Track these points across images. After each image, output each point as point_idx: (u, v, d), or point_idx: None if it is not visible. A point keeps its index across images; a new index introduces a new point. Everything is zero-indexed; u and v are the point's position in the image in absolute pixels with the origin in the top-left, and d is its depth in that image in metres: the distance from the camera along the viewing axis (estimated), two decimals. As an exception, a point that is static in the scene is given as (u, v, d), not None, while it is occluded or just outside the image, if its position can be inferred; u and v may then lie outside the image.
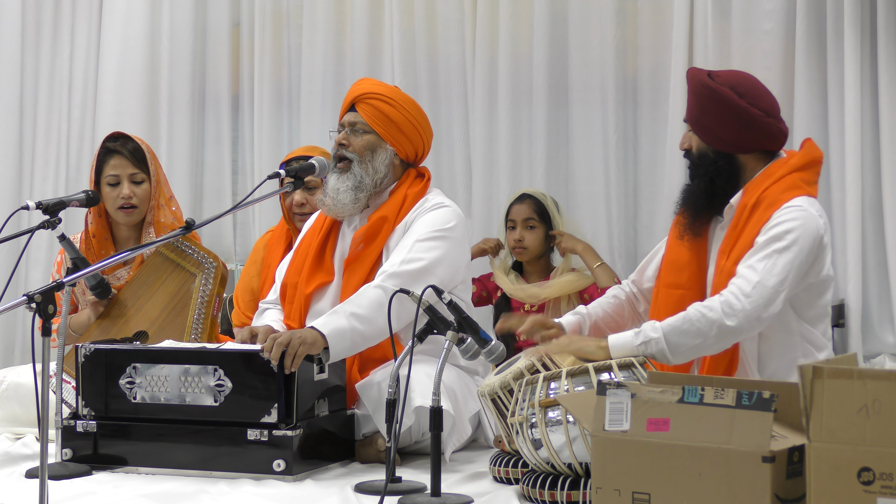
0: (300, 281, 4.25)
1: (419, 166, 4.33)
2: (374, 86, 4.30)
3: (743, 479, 2.67)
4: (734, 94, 3.74)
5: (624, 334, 3.65)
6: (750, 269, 3.59)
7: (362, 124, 4.20)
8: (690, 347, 3.57)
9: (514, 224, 5.10)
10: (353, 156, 4.18)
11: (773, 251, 3.59)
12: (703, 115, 3.79)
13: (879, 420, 2.53)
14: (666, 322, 3.60)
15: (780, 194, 3.68)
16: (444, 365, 3.38)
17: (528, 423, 3.33)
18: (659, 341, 3.56)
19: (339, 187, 4.18)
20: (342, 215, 4.25)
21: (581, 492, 3.26)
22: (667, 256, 3.94)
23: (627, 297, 4.06)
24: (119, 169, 4.54)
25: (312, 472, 3.80)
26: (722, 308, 3.55)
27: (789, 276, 3.59)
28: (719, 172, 3.79)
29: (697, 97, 3.79)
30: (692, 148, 3.86)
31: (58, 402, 3.85)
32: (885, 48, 4.96)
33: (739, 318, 3.54)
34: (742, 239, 3.68)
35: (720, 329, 3.54)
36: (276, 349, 3.73)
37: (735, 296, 3.56)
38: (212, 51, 6.10)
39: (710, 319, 3.55)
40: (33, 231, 4.00)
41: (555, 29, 5.51)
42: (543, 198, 5.14)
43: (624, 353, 3.56)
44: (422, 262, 4.03)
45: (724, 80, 3.79)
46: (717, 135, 3.77)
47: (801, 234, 3.62)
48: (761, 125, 3.75)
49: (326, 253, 4.27)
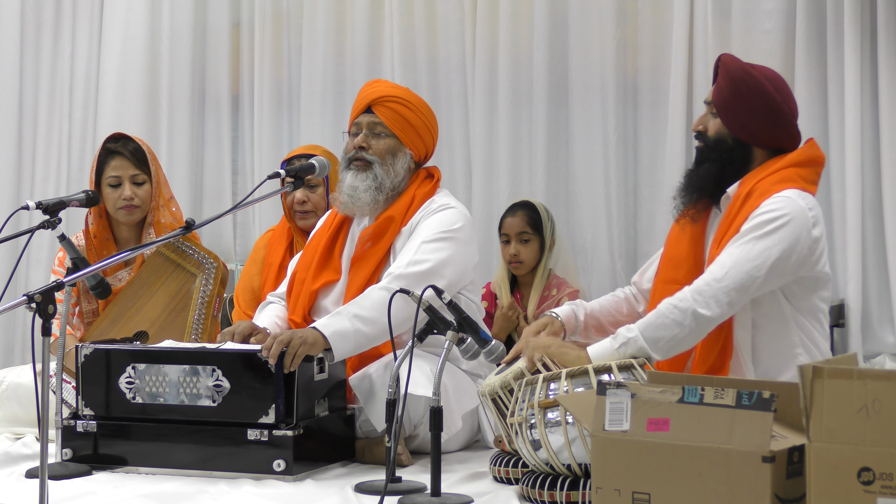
0: (307, 277, 4.25)
1: (427, 166, 4.33)
2: (391, 88, 4.30)
3: (743, 479, 2.67)
4: (772, 87, 3.75)
5: (602, 342, 3.61)
6: (726, 255, 3.60)
7: (383, 127, 4.19)
8: (668, 340, 3.55)
9: (507, 238, 5.08)
10: (375, 158, 4.17)
11: (753, 237, 3.59)
12: (734, 100, 3.76)
13: (879, 420, 2.53)
14: (640, 321, 3.60)
15: (772, 185, 3.68)
16: (444, 364, 3.38)
17: (527, 423, 3.33)
18: (637, 340, 3.55)
19: (358, 185, 4.16)
20: (358, 214, 4.24)
21: (580, 492, 3.26)
22: (665, 253, 3.94)
23: (627, 297, 4.06)
24: (120, 170, 4.54)
25: (312, 472, 3.80)
26: (692, 297, 3.55)
27: (767, 262, 3.58)
28: (732, 160, 3.78)
29: (733, 82, 3.76)
30: (707, 130, 3.84)
31: (58, 402, 3.85)
32: (885, 48, 4.96)
33: (710, 305, 3.54)
34: (732, 228, 3.68)
35: (694, 316, 3.54)
36: (276, 347, 3.73)
37: (706, 282, 3.56)
38: (212, 51, 6.10)
39: (682, 309, 3.55)
40: (33, 231, 4.00)
41: (555, 29, 5.51)
42: (537, 207, 5.11)
43: (604, 359, 3.53)
44: (428, 263, 4.03)
45: (761, 72, 3.80)
46: (744, 123, 3.76)
47: (786, 222, 3.61)
48: (787, 123, 3.78)
49: (335, 251, 4.28)
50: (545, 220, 5.07)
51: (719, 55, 3.88)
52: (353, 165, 4.18)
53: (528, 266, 5.06)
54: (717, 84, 3.81)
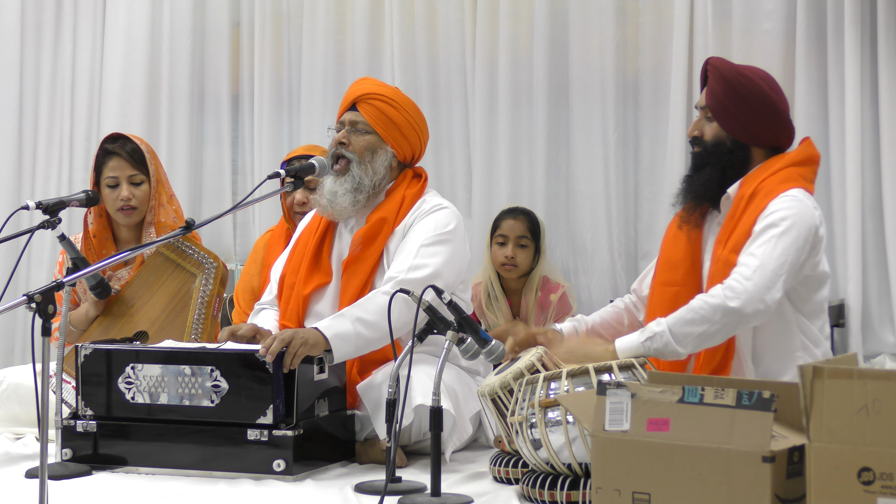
0: (297, 281, 4.25)
1: (415, 167, 4.33)
2: (376, 86, 4.30)
3: (743, 479, 2.67)
4: (766, 86, 3.77)
5: (630, 336, 3.66)
6: (750, 256, 3.61)
7: (364, 124, 4.20)
8: (697, 335, 3.57)
9: (504, 240, 5.07)
10: (353, 156, 4.18)
11: (772, 237, 3.61)
12: (731, 103, 3.77)
13: (879, 420, 2.53)
14: (670, 316, 3.61)
15: (777, 185, 3.70)
16: (444, 365, 3.38)
17: (527, 423, 3.33)
18: (664, 334, 3.57)
19: (337, 190, 4.17)
20: (340, 218, 4.25)
21: (581, 492, 3.26)
22: (662, 255, 3.94)
23: (627, 307, 4.08)
24: (118, 171, 4.53)
25: (312, 472, 3.80)
26: (724, 293, 3.56)
27: (788, 260, 3.60)
28: (732, 162, 3.79)
29: (729, 84, 3.77)
30: (703, 135, 3.84)
31: (58, 402, 3.85)
32: (885, 48, 4.96)
33: (742, 299, 3.54)
34: (739, 228, 3.69)
35: (724, 312, 3.55)
36: (276, 345, 3.73)
37: (737, 280, 3.57)
38: (211, 51, 6.10)
39: (712, 305, 3.56)
40: (33, 231, 4.00)
41: (555, 29, 5.51)
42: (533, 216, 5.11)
43: (631, 353, 3.58)
44: (429, 267, 4.04)
45: (753, 72, 3.82)
46: (742, 124, 3.77)
47: (797, 222, 3.63)
48: (783, 120, 3.80)
49: (323, 253, 4.27)
50: (542, 230, 5.09)
51: (706, 59, 3.89)
52: (334, 169, 4.18)
53: (520, 271, 5.06)
54: (710, 88, 3.82)
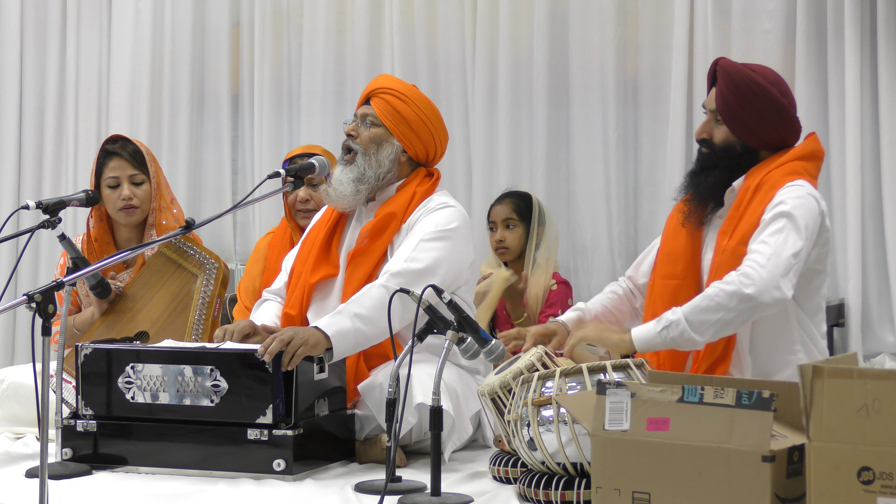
0: (305, 271, 4.26)
1: (431, 167, 4.35)
2: (390, 81, 4.34)
3: (743, 479, 2.67)
4: (776, 90, 3.76)
5: (646, 325, 3.66)
6: (762, 244, 3.61)
7: (373, 117, 4.22)
8: (713, 323, 3.57)
9: (494, 226, 5.11)
10: (359, 147, 4.21)
11: (783, 226, 3.62)
12: (741, 110, 3.76)
13: (879, 420, 2.53)
14: (686, 304, 3.61)
15: (782, 177, 3.72)
16: (444, 364, 3.38)
17: (522, 421, 3.33)
18: (679, 322, 3.57)
19: (342, 178, 4.21)
20: (343, 206, 4.26)
21: (575, 492, 3.26)
22: (662, 248, 3.95)
23: (625, 293, 4.07)
24: (119, 171, 4.53)
25: (312, 471, 3.80)
26: (739, 279, 3.56)
27: (802, 249, 3.61)
28: (741, 165, 3.80)
29: (738, 90, 3.75)
30: (713, 137, 3.84)
31: (58, 401, 3.85)
32: (885, 48, 4.96)
33: (758, 286, 3.54)
34: (745, 219, 3.69)
35: (740, 298, 3.54)
36: (275, 345, 3.73)
37: (752, 267, 3.57)
38: (211, 51, 6.10)
39: (728, 292, 3.56)
40: (33, 231, 4.00)
41: (555, 29, 5.51)
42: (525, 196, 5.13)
43: (647, 342, 3.59)
44: (424, 261, 4.04)
45: (763, 75, 3.79)
46: (752, 129, 3.77)
47: (805, 212, 3.65)
48: (792, 121, 3.81)
49: (332, 246, 4.29)
50: (534, 209, 5.09)
51: (716, 59, 3.88)
52: (344, 159, 4.22)
53: (513, 252, 5.09)
54: (720, 91, 3.79)
